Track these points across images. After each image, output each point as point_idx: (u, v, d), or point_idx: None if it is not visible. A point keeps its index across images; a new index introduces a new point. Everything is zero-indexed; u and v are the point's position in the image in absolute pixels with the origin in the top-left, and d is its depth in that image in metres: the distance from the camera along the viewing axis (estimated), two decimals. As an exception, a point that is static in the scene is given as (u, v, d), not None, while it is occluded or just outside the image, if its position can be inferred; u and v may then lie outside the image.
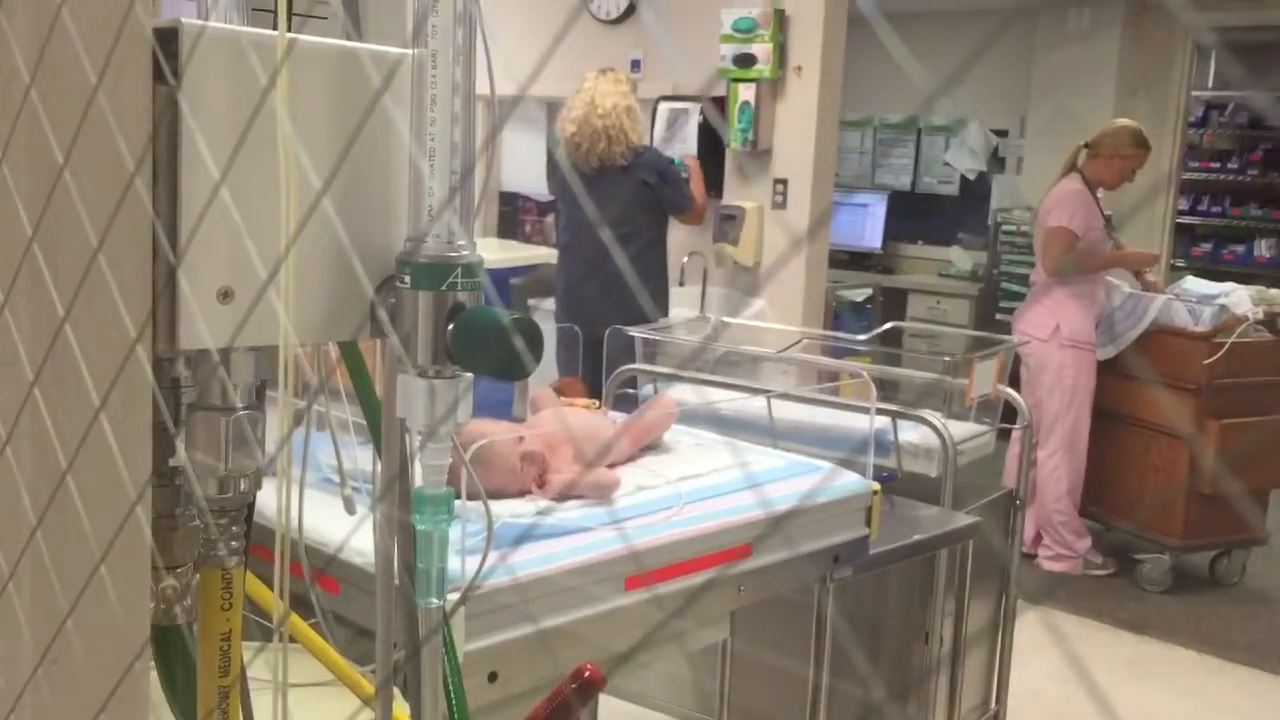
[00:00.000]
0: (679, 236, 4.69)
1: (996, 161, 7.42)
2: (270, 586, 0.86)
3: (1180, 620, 4.34)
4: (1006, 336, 3.85)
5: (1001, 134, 7.36)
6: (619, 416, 2.28)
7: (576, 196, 4.41)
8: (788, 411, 2.72)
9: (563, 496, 1.78)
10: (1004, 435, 3.84)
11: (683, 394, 2.86)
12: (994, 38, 5.63)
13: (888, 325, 3.42)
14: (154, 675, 0.92)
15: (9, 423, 0.85)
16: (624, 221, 4.28)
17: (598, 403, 2.33)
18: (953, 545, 2.56)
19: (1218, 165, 7.99)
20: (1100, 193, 4.66)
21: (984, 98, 7.17)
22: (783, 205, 4.87)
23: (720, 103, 4.95)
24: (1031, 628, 3.57)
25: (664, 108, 5.05)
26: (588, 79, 4.34)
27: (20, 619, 0.86)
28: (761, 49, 4.76)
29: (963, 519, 2.53)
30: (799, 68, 4.78)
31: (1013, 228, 6.79)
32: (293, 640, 1.18)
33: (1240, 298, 4.60)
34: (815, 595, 2.01)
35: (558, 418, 2.00)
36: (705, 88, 4.85)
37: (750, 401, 2.70)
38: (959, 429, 2.70)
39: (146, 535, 0.82)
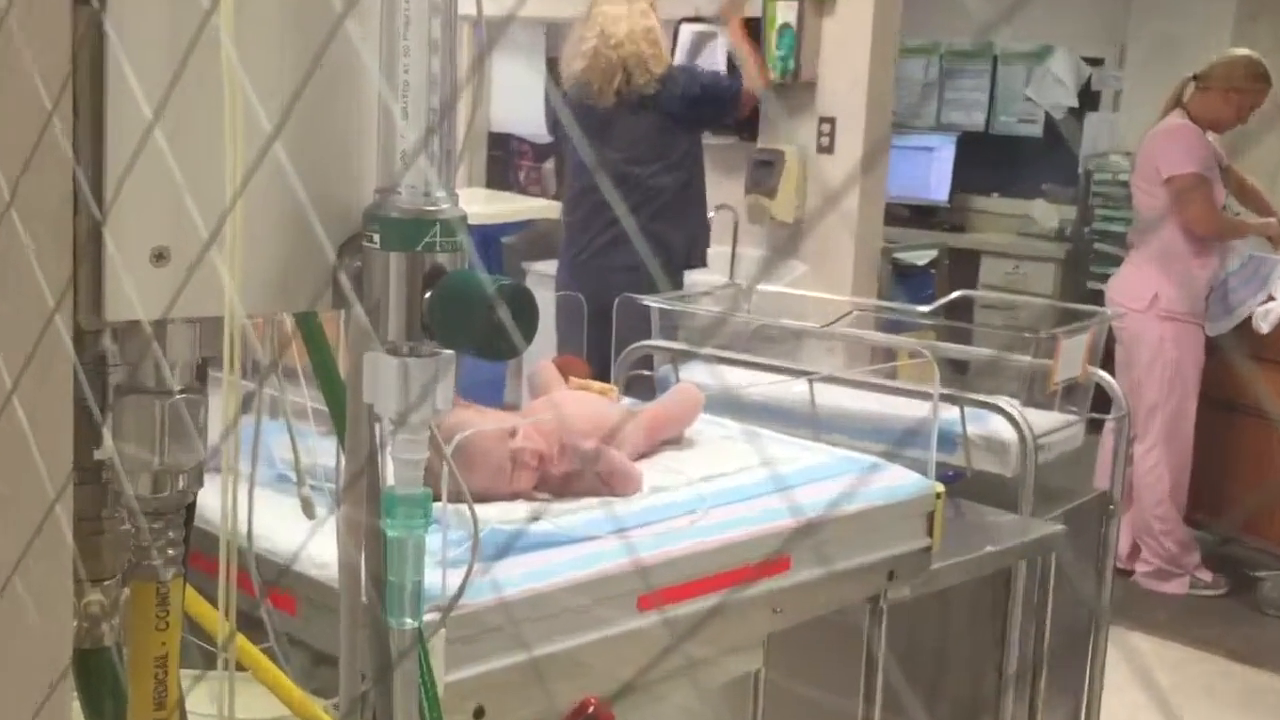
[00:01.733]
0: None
1: (1089, 97, 7.39)
2: (214, 603, 0.87)
3: (1306, 651, 4.34)
4: (1099, 308, 3.84)
5: (1096, 63, 7.32)
6: (632, 404, 2.29)
7: (589, 138, 4.38)
8: (834, 397, 2.72)
9: (564, 491, 1.78)
10: (1095, 427, 3.83)
11: (707, 376, 2.87)
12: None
13: (956, 294, 3.42)
14: (77, 705, 0.94)
15: (-95, 408, 0.86)
16: (654, 159, 4.27)
17: (614, 388, 2.32)
18: (1032, 558, 2.56)
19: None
20: (1210, 136, 4.62)
21: (1075, 20, 7.12)
22: (829, 149, 4.84)
23: (753, 25, 4.89)
24: (1126, 657, 3.57)
25: (686, 30, 5.03)
26: (594, 2, 4.32)
27: (-81, 640, 0.87)
28: (808, -42, 4.73)
29: (1044, 527, 2.53)
30: (850, -18, 4.75)
31: (1108, 177, 6.76)
32: (240, 667, 1.20)
33: (1385, 260, 4.58)
34: (866, 618, 2.01)
35: (561, 403, 1.99)
36: (728, 5, 4.77)
37: (789, 386, 2.70)
38: (1040, 419, 2.69)
39: (68, 541, 0.83)
